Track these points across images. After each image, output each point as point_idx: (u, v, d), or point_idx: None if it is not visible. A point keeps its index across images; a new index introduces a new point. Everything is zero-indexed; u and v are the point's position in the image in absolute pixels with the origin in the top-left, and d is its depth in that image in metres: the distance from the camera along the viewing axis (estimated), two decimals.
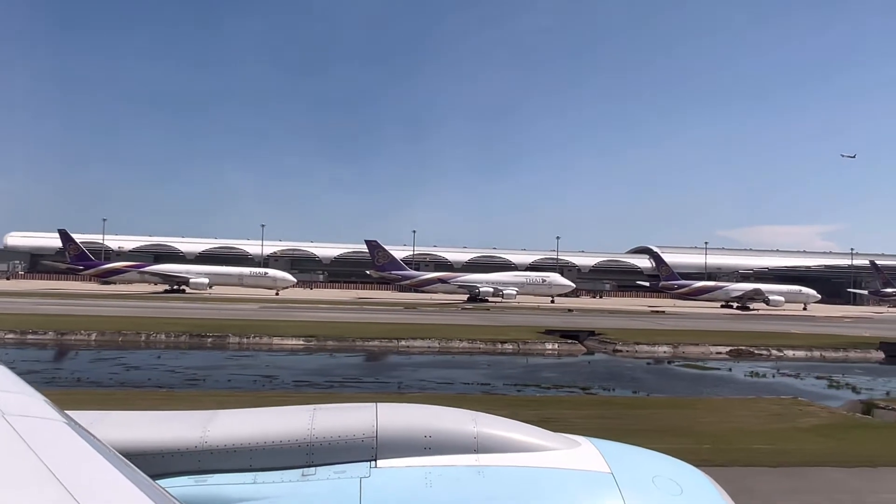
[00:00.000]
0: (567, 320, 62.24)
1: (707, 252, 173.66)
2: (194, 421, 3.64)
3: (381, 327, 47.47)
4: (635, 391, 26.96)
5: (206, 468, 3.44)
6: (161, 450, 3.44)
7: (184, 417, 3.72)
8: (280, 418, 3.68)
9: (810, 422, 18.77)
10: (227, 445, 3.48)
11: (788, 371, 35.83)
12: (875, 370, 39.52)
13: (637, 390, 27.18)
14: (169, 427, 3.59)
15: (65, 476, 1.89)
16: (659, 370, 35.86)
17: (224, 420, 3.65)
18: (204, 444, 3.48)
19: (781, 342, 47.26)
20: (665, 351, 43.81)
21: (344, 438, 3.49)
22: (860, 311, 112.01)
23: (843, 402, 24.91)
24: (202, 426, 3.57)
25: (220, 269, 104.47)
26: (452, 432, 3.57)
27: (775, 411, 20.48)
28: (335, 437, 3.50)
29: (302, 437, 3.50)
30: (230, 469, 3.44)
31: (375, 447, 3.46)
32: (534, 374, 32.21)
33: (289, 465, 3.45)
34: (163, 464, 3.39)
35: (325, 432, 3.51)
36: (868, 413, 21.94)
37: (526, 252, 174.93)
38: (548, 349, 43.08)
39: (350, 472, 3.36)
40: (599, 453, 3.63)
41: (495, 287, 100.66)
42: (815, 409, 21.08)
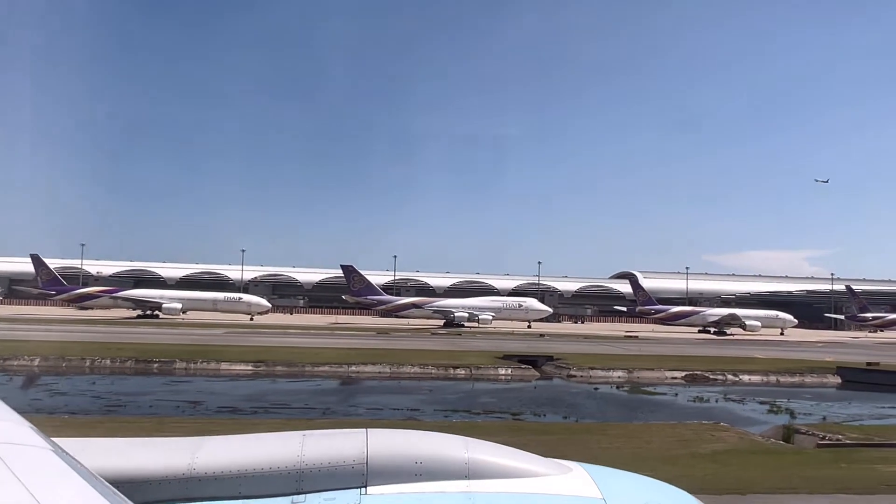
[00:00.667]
0: (533, 345, 61.89)
1: (689, 277, 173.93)
2: (182, 448, 3.58)
3: (337, 352, 47.10)
4: (565, 416, 26.69)
5: (194, 496, 3.37)
6: (148, 477, 3.38)
7: (171, 444, 3.67)
8: (269, 445, 3.64)
9: (713, 447, 18.54)
10: (216, 473, 3.42)
11: (735, 396, 35.60)
12: (825, 395, 39.38)
13: (567, 416, 26.90)
14: (156, 454, 3.54)
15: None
16: (603, 395, 35.58)
17: (212, 447, 3.60)
18: (192, 472, 3.41)
19: (740, 367, 47.11)
20: (620, 376, 43.53)
21: (334, 465, 3.45)
22: (838, 335, 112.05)
23: (769, 426, 24.66)
24: (190, 453, 3.51)
25: (194, 295, 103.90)
26: (443, 458, 3.55)
27: (685, 437, 20.24)
28: (325, 463, 3.46)
29: (291, 463, 3.45)
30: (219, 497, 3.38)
31: (366, 474, 3.43)
32: (472, 399, 31.91)
33: (278, 492, 3.39)
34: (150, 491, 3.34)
35: (314, 459, 3.47)
36: (787, 438, 21.75)
37: (509, 277, 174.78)
38: (501, 374, 42.75)
39: (340, 499, 3.33)
40: (591, 479, 3.63)
41: (470, 312, 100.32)
42: (728, 435, 20.84)
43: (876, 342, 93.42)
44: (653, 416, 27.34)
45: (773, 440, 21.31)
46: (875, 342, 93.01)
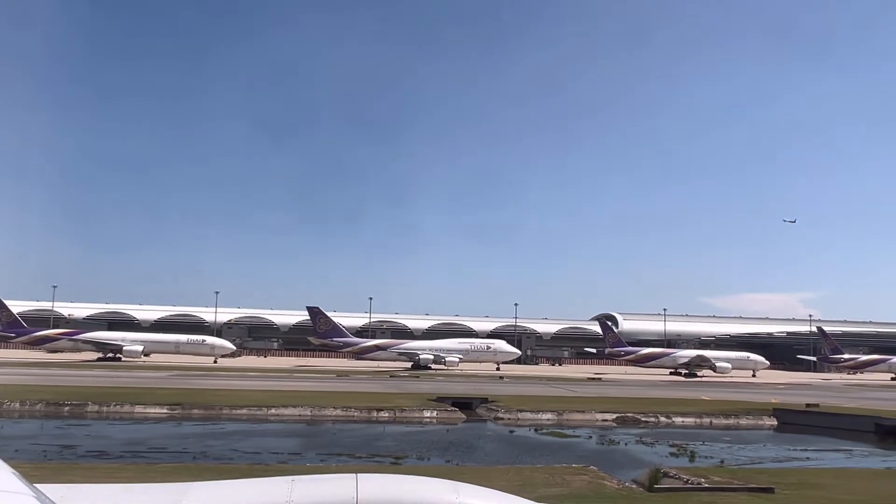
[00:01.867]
0: (482, 388, 60.84)
1: (672, 319, 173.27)
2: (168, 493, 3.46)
3: (268, 395, 46.29)
4: (448, 460, 25.90)
5: None
6: None
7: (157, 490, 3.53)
8: (258, 490, 3.53)
9: (552, 492, 17.93)
10: None
11: (650, 439, 34.80)
12: (749, 437, 38.67)
13: (452, 459, 26.12)
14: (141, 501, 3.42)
15: None
16: (512, 438, 34.82)
17: (199, 492, 3.46)
18: None
19: (676, 409, 46.24)
20: (548, 418, 42.65)
21: None
22: (810, 377, 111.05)
23: (646, 470, 23.92)
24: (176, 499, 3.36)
25: (156, 337, 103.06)
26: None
27: (536, 481, 19.62)
28: None
29: None
30: None
31: None
32: (371, 443, 31.14)
33: None
34: None
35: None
36: (655, 481, 21.07)
37: (488, 319, 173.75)
38: (425, 417, 41.80)
39: None
40: None
41: (436, 354, 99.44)
42: (581, 479, 20.19)
43: (846, 384, 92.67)
44: (542, 460, 26.57)
45: (632, 484, 20.67)
46: (845, 384, 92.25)
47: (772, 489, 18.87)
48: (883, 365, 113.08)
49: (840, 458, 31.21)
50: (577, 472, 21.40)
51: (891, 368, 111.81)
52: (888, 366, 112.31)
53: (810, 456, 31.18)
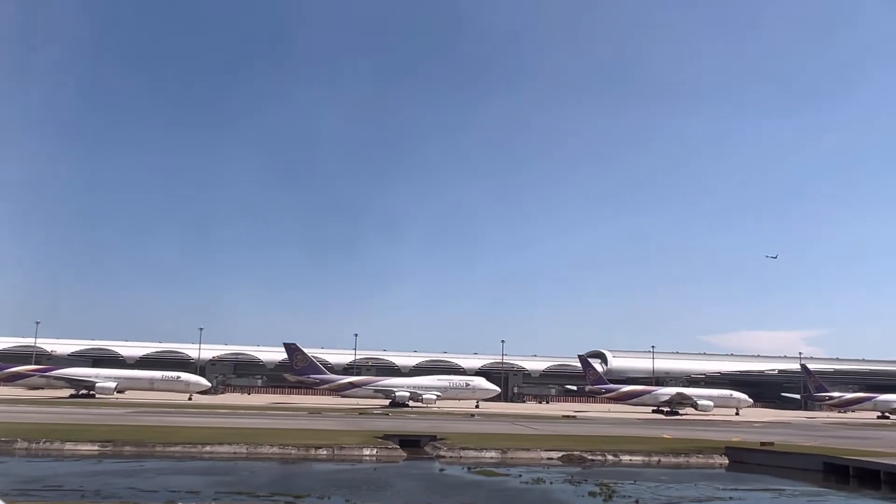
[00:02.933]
0: (443, 425, 59.91)
1: (661, 357, 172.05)
2: None
3: (208, 432, 45.55)
4: (348, 500, 25.20)
5: None
6: None
7: None
8: None
9: None
10: None
11: (580, 478, 33.96)
12: (687, 476, 37.78)
13: (351, 499, 25.41)
14: None
15: None
16: (437, 477, 34.14)
17: None
18: None
19: (627, 447, 45.32)
20: (491, 456, 41.81)
21: None
22: (795, 415, 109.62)
23: None
24: None
25: (130, 374, 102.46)
26: None
27: None
28: None
29: None
30: None
31: None
32: (284, 482, 30.46)
33: None
34: None
35: None
36: None
37: (476, 357, 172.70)
38: (364, 455, 41.01)
39: None
40: None
41: (412, 391, 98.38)
42: None
43: (827, 422, 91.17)
44: (449, 499, 25.94)
45: None
46: (826, 422, 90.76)
47: None
48: (868, 403, 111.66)
49: (765, 499, 30.44)
50: None
51: (876, 407, 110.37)
52: (874, 404, 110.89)
53: (734, 496, 30.31)
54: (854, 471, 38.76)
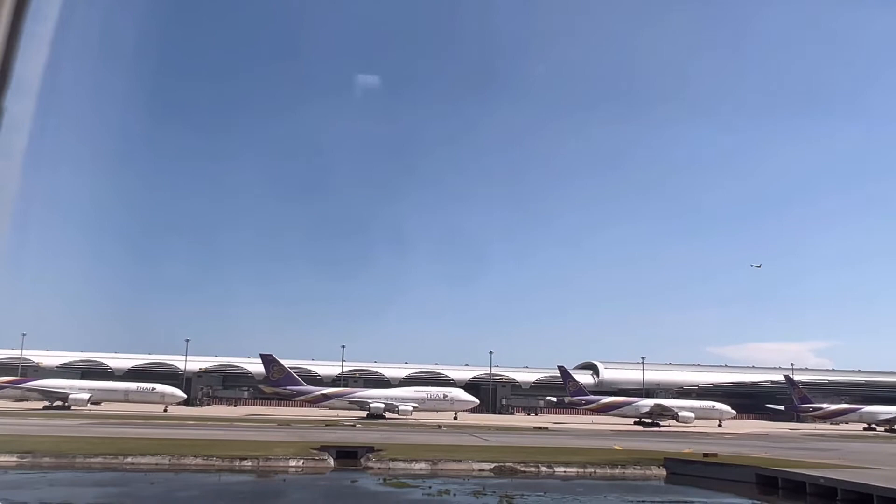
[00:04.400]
0: (389, 437, 59.25)
1: (654, 368, 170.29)
2: None
3: (132, 443, 45.06)
4: None
5: None
6: None
7: None
8: None
9: None
10: None
11: (489, 490, 33.35)
12: (613, 487, 37.11)
13: None
14: None
15: None
16: (341, 489, 33.80)
17: None
18: None
19: (561, 459, 44.49)
20: (421, 468, 41.18)
21: None
22: (779, 426, 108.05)
23: None
24: None
25: (105, 385, 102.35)
26: None
27: None
28: None
29: None
30: None
31: None
32: (176, 494, 29.92)
33: None
34: None
35: None
36: None
37: (467, 368, 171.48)
38: (290, 466, 40.40)
39: None
40: None
41: (388, 403, 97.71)
42: None
43: (807, 434, 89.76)
44: None
45: None
46: (806, 434, 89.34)
47: None
48: (854, 415, 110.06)
49: None
50: None
51: (862, 418, 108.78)
52: (859, 415, 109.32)
53: None
54: (782, 482, 37.97)
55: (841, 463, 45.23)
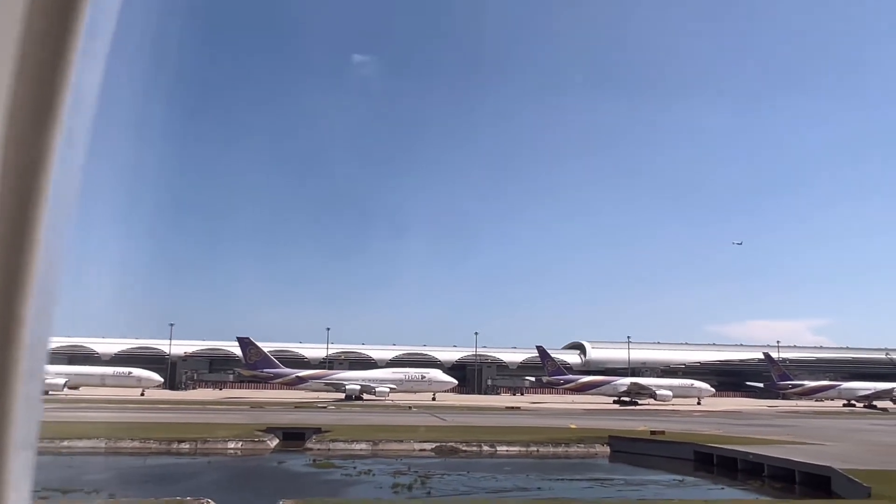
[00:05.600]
0: (346, 418, 59.21)
1: (641, 347, 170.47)
2: None
3: (70, 427, 44.64)
4: (112, 494, 24.54)
5: None
6: None
7: None
8: None
9: None
10: None
11: (414, 470, 33.20)
12: (539, 466, 37.07)
13: (115, 494, 24.75)
14: None
15: None
16: (266, 470, 33.45)
17: None
18: None
19: (504, 437, 44.45)
20: (361, 448, 41.23)
21: None
22: (757, 403, 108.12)
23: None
24: None
25: (81, 370, 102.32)
26: None
27: None
28: None
29: None
30: None
31: None
32: (78, 478, 29.81)
33: None
34: None
35: None
36: None
37: (455, 349, 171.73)
38: (228, 448, 40.37)
39: None
40: None
41: (363, 385, 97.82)
42: None
43: (782, 411, 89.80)
44: (217, 490, 25.20)
45: None
46: (781, 411, 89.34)
47: None
48: (833, 391, 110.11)
49: (576, 489, 29.55)
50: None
51: (841, 395, 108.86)
52: (838, 392, 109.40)
53: (551, 486, 29.60)
54: (717, 459, 37.90)
55: (789, 439, 45.16)
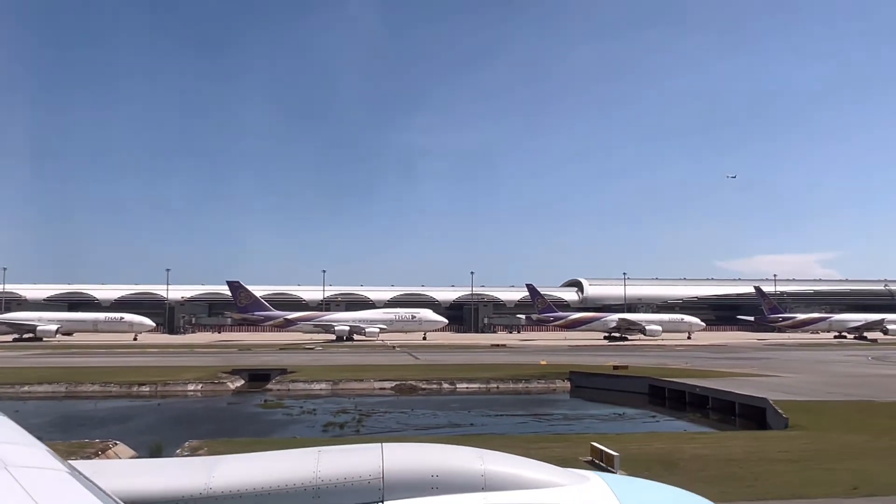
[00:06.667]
0: (319, 358, 59.69)
1: (639, 283, 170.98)
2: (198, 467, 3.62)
3: (33, 371, 45.56)
4: (39, 437, 24.64)
5: None
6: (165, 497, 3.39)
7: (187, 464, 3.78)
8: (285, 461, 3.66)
9: None
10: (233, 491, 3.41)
11: (366, 406, 33.44)
12: (504, 402, 37.35)
13: (43, 436, 24.91)
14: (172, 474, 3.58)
15: None
16: (214, 412, 33.77)
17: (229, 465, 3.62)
18: (209, 491, 3.41)
19: (468, 375, 44.71)
20: (321, 388, 41.64)
21: (350, 480, 3.44)
22: (748, 336, 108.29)
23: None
24: (206, 472, 3.54)
25: (73, 316, 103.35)
26: (459, 471, 3.52)
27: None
28: (341, 479, 3.46)
29: (308, 479, 3.46)
30: None
31: (382, 488, 3.42)
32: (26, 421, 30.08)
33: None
34: None
35: (331, 474, 3.47)
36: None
37: (453, 289, 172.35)
38: (188, 390, 40.82)
39: None
40: (609, 488, 3.56)
41: (353, 325, 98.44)
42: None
43: (768, 344, 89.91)
44: (140, 433, 25.37)
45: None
46: (767, 344, 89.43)
47: None
48: (823, 323, 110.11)
49: (509, 424, 29.67)
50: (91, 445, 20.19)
51: (832, 326, 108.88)
52: (829, 324, 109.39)
53: (491, 421, 29.83)
54: (668, 392, 38.01)
55: (752, 372, 45.19)
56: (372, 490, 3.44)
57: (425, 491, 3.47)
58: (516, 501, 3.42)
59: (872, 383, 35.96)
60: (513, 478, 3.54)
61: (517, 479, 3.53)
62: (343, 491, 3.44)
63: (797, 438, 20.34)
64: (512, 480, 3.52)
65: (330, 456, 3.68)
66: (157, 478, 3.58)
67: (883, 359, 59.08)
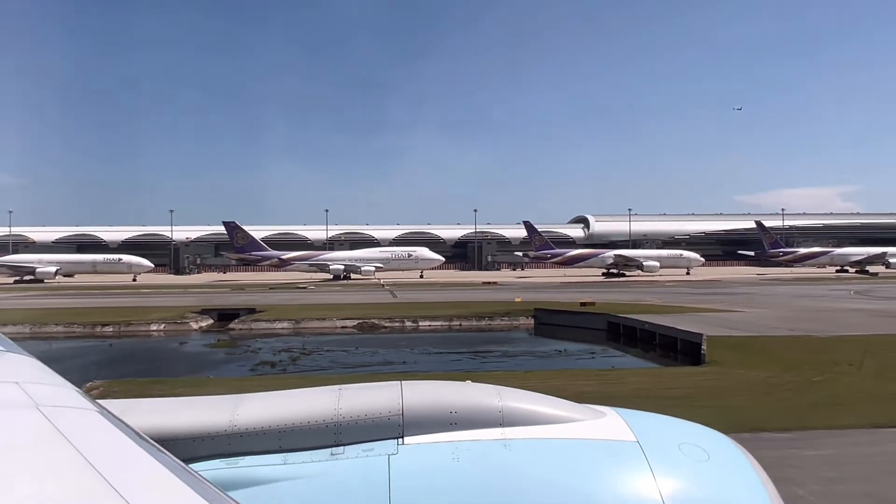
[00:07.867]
0: (298, 298, 60.01)
1: (644, 219, 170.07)
2: (223, 405, 3.73)
3: (14, 314, 46.16)
4: None
5: (236, 451, 3.50)
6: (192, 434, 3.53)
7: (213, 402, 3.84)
8: (307, 399, 3.76)
9: None
10: (257, 427, 3.55)
11: (314, 345, 33.64)
12: (462, 340, 37.46)
13: None
14: (198, 412, 3.69)
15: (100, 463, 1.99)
16: (161, 353, 34.13)
17: (252, 403, 3.74)
18: (233, 428, 3.54)
19: (432, 313, 44.79)
20: (283, 327, 41.95)
21: (371, 417, 3.55)
22: (747, 271, 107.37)
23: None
24: (231, 410, 3.64)
25: (72, 258, 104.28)
26: (477, 407, 3.62)
27: None
28: (362, 415, 3.56)
29: (329, 416, 3.57)
30: (260, 451, 3.49)
31: (402, 424, 3.52)
32: None
33: (317, 444, 3.49)
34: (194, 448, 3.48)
35: (351, 411, 3.58)
36: None
37: (458, 227, 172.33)
38: (151, 330, 41.31)
39: (378, 449, 3.43)
40: (625, 423, 3.67)
41: (347, 264, 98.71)
42: None
43: (764, 279, 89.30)
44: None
45: None
46: (763, 279, 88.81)
47: None
48: (825, 257, 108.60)
49: (447, 361, 29.71)
50: None
51: (833, 261, 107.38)
52: (830, 258, 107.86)
53: (433, 359, 29.95)
54: (623, 329, 37.81)
55: (719, 307, 44.73)
56: (392, 426, 3.52)
57: (444, 427, 3.55)
58: (533, 436, 3.52)
59: (827, 319, 35.39)
60: (530, 413, 3.64)
61: (534, 415, 3.63)
62: (364, 428, 3.52)
63: (698, 374, 20.07)
64: (529, 416, 3.62)
65: (351, 394, 3.74)
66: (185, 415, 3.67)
67: (865, 293, 58.29)
